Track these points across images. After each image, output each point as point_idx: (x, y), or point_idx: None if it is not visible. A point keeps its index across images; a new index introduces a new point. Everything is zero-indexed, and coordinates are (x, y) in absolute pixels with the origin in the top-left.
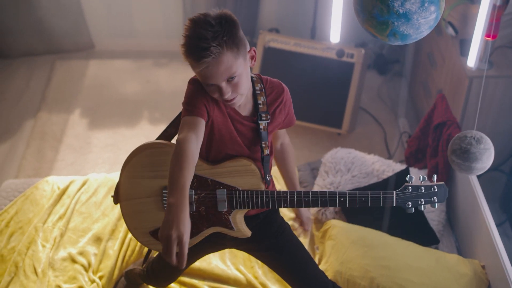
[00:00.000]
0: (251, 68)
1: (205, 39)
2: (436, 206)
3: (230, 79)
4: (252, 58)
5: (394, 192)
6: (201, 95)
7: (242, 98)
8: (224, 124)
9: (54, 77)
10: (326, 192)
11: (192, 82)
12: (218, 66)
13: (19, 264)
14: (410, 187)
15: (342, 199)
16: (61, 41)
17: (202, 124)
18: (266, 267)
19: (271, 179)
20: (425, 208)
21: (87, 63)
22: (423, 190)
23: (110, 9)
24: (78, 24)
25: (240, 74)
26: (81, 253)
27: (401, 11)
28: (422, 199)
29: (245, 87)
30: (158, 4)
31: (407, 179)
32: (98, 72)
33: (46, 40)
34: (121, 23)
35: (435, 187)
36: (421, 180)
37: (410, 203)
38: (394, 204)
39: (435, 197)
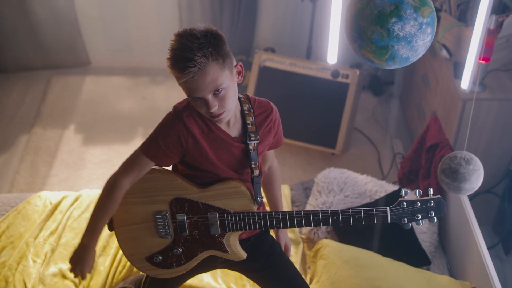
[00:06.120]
0: (240, 86)
1: (190, 49)
2: (435, 221)
3: (216, 92)
4: (239, 73)
5: (388, 208)
6: (176, 129)
7: (229, 115)
8: (211, 147)
9: (50, 92)
10: (318, 211)
11: (174, 113)
12: (204, 77)
13: (9, 279)
14: (405, 203)
15: (335, 217)
16: (57, 57)
17: (148, 167)
18: (257, 286)
19: (262, 200)
20: (423, 223)
21: (83, 79)
22: (419, 205)
23: (106, 26)
24: (75, 40)
25: (226, 87)
26: None
27: (401, 34)
28: (419, 214)
29: (232, 102)
30: (155, 22)
31: (402, 193)
32: (94, 88)
33: (43, 55)
34: (118, 39)
35: (431, 201)
36: (417, 194)
37: (406, 219)
38: (389, 221)
39: (432, 212)
